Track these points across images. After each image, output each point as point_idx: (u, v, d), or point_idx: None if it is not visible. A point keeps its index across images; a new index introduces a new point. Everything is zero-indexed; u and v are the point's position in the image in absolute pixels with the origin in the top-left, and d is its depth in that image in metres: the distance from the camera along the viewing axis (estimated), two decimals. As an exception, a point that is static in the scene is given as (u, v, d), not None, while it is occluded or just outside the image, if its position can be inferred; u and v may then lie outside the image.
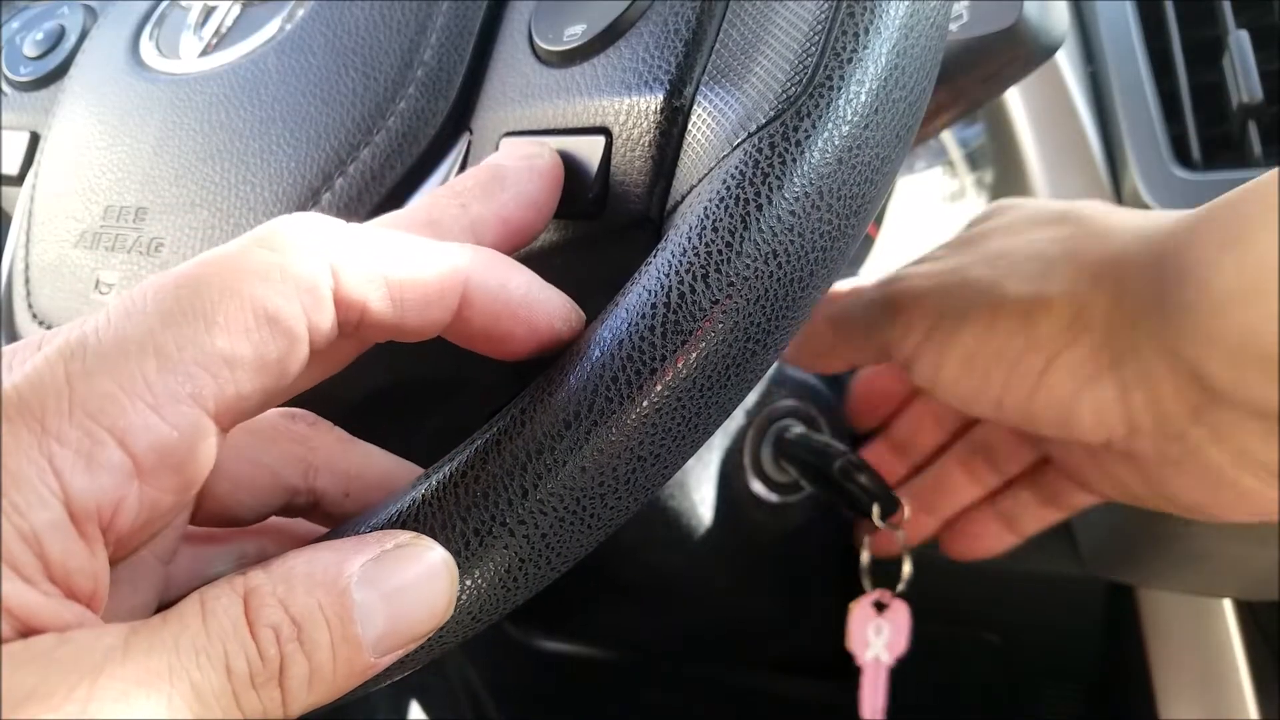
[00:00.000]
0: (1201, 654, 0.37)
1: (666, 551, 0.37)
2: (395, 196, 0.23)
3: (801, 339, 0.31)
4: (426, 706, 0.58)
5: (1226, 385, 0.20)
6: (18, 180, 0.33)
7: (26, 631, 0.12)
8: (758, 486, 0.38)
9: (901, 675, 0.36)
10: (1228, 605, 0.37)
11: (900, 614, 0.33)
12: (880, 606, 0.34)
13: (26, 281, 0.29)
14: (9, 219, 0.33)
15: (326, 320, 0.14)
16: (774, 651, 0.46)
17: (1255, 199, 0.19)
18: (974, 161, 0.43)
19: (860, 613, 0.34)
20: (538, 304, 0.17)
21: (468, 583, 0.15)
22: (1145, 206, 0.35)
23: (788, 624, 0.43)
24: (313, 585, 0.14)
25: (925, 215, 0.44)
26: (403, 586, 0.15)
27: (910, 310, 0.27)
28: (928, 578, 0.40)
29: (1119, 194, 0.37)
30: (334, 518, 0.18)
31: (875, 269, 0.45)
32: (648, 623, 0.47)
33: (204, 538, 0.18)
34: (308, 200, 0.24)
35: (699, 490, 0.37)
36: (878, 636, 0.34)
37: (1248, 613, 0.37)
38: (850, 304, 0.30)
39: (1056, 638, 0.43)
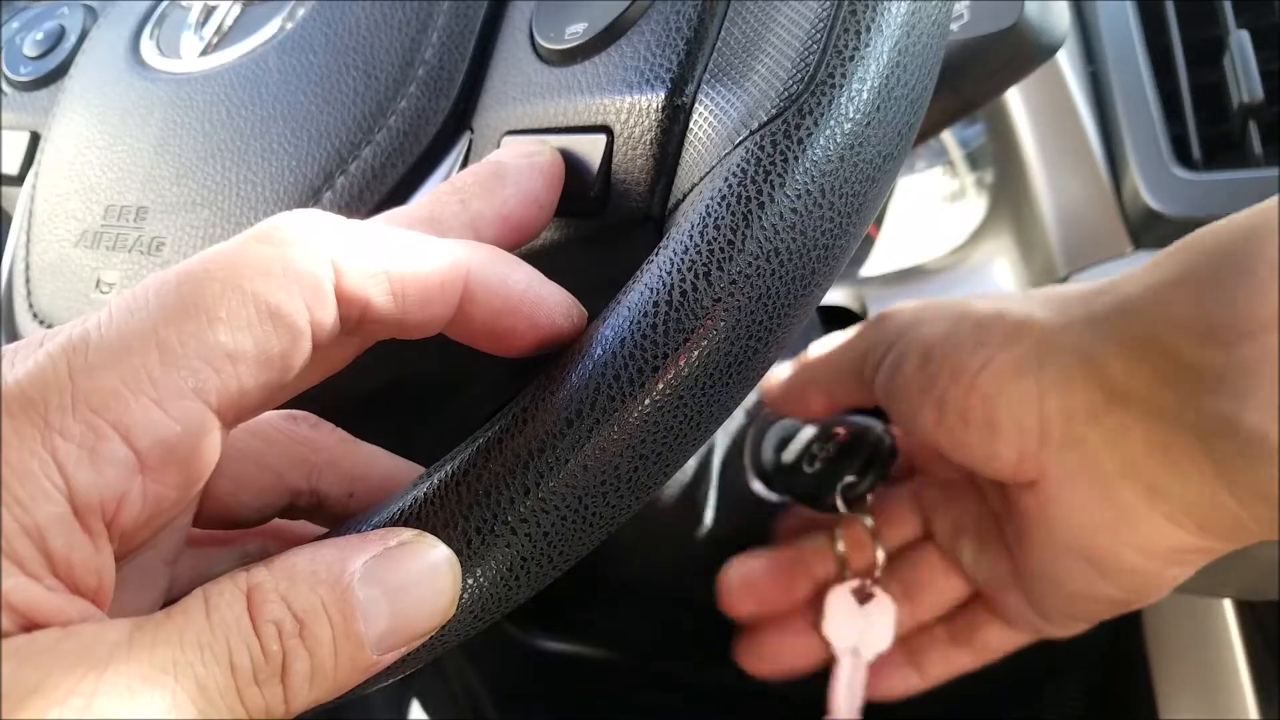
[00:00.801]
0: (1201, 654, 0.37)
1: (666, 551, 0.37)
2: (396, 195, 0.23)
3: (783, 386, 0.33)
4: (424, 705, 0.58)
5: (1121, 380, 0.23)
6: (18, 180, 0.33)
7: (29, 626, 0.12)
8: (758, 486, 0.38)
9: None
10: (1228, 605, 0.37)
11: (885, 608, 0.33)
12: (865, 596, 0.34)
13: (27, 281, 0.29)
14: (9, 219, 0.33)
15: (329, 315, 0.14)
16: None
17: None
18: (974, 161, 0.43)
19: (838, 599, 0.33)
20: (539, 299, 0.17)
21: (469, 581, 0.15)
22: (1146, 206, 0.35)
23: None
24: (315, 581, 0.14)
25: (925, 215, 0.44)
26: (405, 584, 0.14)
27: (889, 318, 0.30)
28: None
29: (1119, 194, 0.37)
30: (337, 519, 0.18)
31: (875, 269, 0.45)
32: (647, 622, 0.47)
33: (207, 539, 0.18)
34: (309, 199, 0.24)
35: (699, 490, 0.37)
36: (855, 629, 0.33)
37: (1248, 613, 0.37)
38: (833, 345, 0.32)
39: (1056, 637, 0.43)
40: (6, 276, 0.30)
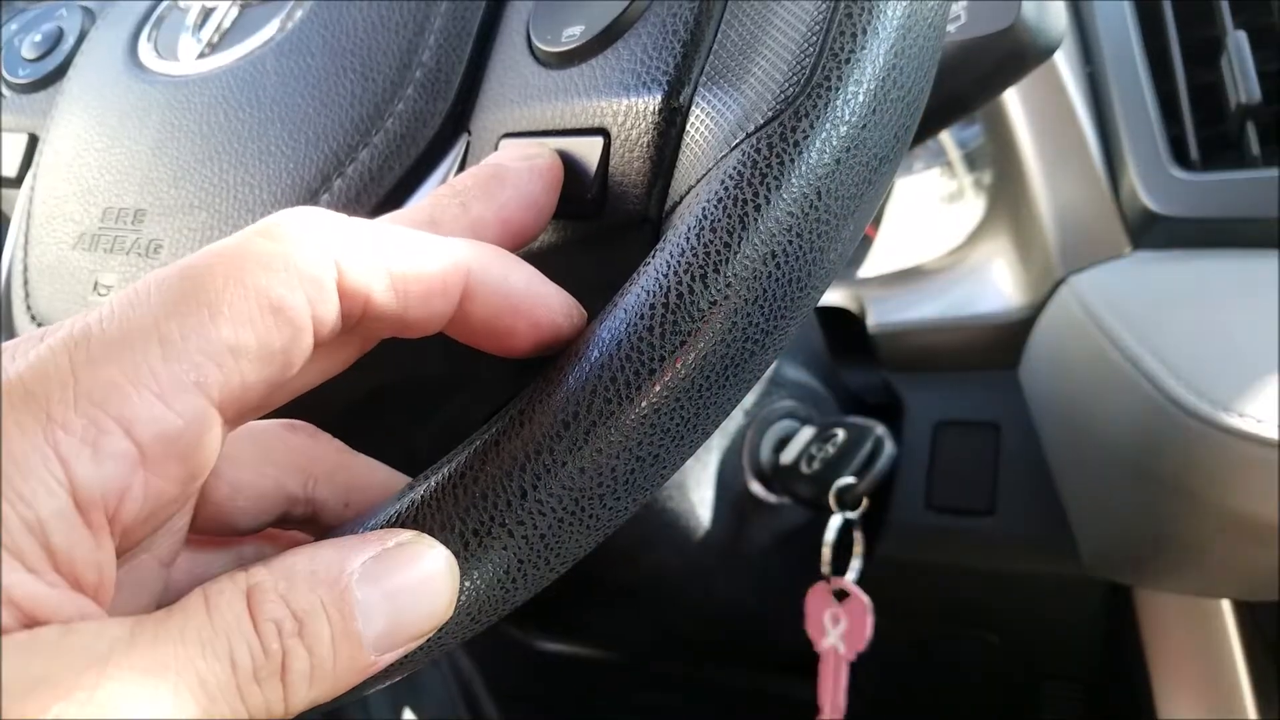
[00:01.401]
0: (1200, 654, 0.37)
1: (665, 553, 0.37)
2: (394, 197, 0.23)
3: None
4: (424, 705, 0.58)
5: None
6: (16, 182, 0.33)
7: (30, 623, 0.12)
8: (756, 487, 0.38)
9: (901, 674, 0.36)
10: (1226, 606, 0.37)
11: (858, 606, 0.33)
12: (841, 595, 0.34)
13: (25, 283, 0.29)
14: (8, 221, 0.33)
15: (331, 311, 0.14)
16: (771, 652, 0.46)
17: None
18: (972, 162, 0.43)
19: (817, 598, 0.34)
20: (539, 299, 0.17)
21: (467, 583, 0.15)
22: (1144, 206, 0.35)
23: (785, 624, 0.43)
24: (315, 582, 0.14)
25: (924, 216, 0.44)
26: (403, 585, 0.14)
27: None
28: (927, 578, 0.40)
29: (1117, 194, 0.37)
30: (332, 530, 0.18)
31: (873, 269, 0.45)
32: (645, 623, 0.47)
33: (203, 543, 0.18)
34: (306, 201, 0.24)
35: (697, 491, 0.37)
36: (835, 626, 0.33)
37: (1246, 613, 0.37)
38: None
39: (1055, 638, 0.43)
40: (5, 278, 0.30)
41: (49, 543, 0.12)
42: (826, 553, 0.33)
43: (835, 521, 0.33)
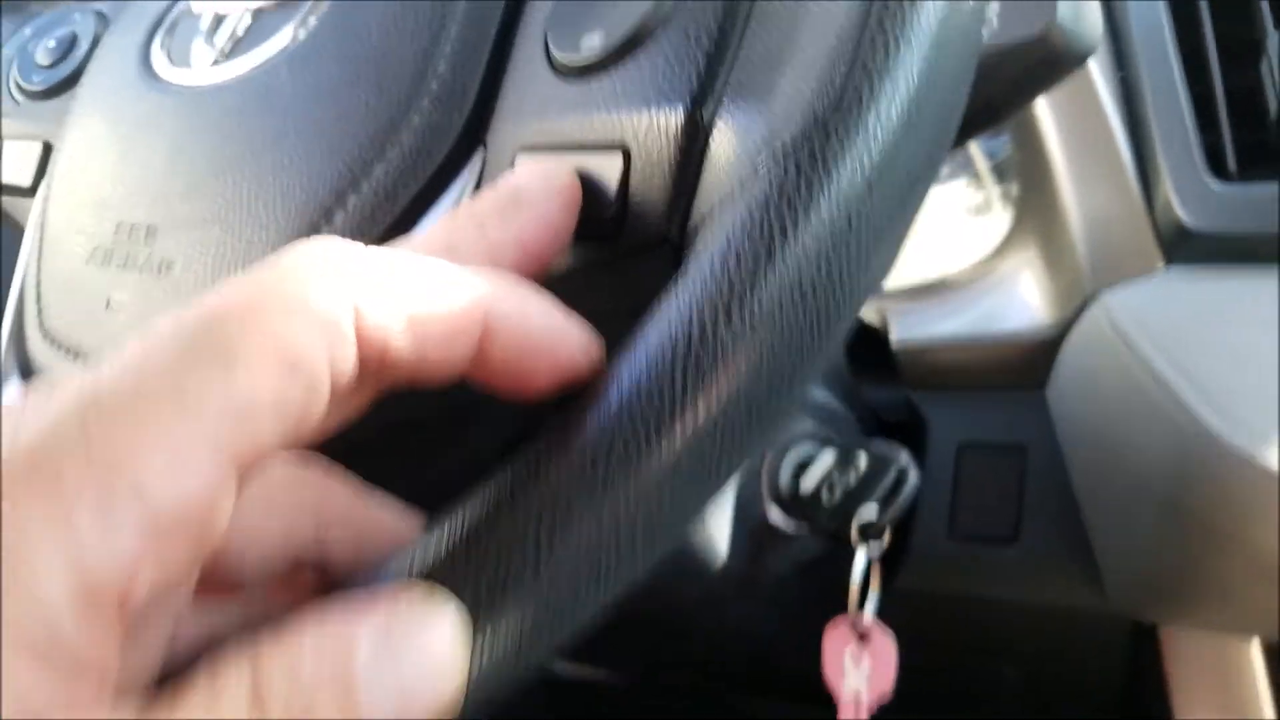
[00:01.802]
0: (1226, 694, 0.36)
1: (681, 580, 0.37)
2: (410, 214, 0.23)
3: None
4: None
5: None
6: (30, 192, 0.33)
7: (35, 717, 0.12)
8: (775, 515, 0.37)
9: (916, 707, 0.34)
10: (1255, 646, 0.36)
11: (884, 645, 0.30)
12: (863, 635, 0.31)
13: (38, 299, 0.29)
14: (20, 229, 0.33)
15: (349, 360, 0.14)
16: (786, 681, 0.45)
17: None
18: (1000, 173, 0.42)
19: (836, 637, 0.31)
20: (559, 335, 0.16)
21: (478, 652, 0.14)
22: (1178, 221, 0.34)
23: (802, 655, 0.42)
24: (321, 659, 0.13)
25: (949, 227, 0.43)
26: (411, 658, 0.14)
27: None
28: (945, 608, 0.39)
29: (1151, 206, 0.36)
30: (342, 578, 0.18)
31: (897, 282, 0.44)
32: (659, 651, 0.46)
33: (211, 596, 0.17)
34: (321, 218, 0.23)
35: (715, 519, 0.36)
36: (857, 668, 0.31)
37: (1275, 652, 0.35)
38: None
39: (1076, 673, 0.42)
40: (19, 293, 0.30)
41: (57, 629, 0.12)
42: (855, 591, 0.32)
43: (861, 560, 0.32)
